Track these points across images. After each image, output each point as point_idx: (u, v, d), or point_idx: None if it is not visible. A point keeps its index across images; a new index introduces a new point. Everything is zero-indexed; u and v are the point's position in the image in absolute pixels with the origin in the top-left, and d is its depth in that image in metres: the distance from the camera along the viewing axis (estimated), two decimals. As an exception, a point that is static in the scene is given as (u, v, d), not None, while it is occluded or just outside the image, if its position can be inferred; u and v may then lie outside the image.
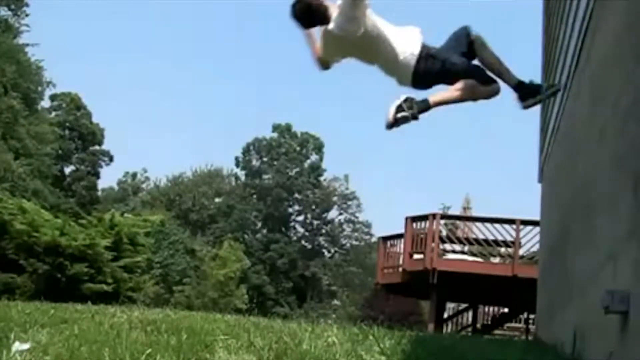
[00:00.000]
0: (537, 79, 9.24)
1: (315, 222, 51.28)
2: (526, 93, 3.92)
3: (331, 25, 3.82)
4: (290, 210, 51.13)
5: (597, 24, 4.17)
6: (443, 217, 17.00)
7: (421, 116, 3.88)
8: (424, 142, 62.16)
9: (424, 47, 3.85)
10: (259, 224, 50.15)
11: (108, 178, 68.73)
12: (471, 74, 3.87)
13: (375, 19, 3.82)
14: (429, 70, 3.85)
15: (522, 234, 14.11)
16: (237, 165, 51.09)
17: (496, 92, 3.92)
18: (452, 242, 15.58)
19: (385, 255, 16.39)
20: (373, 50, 3.86)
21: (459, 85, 3.86)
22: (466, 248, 15.37)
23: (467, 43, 3.94)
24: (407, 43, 3.84)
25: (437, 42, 4.00)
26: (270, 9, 65.71)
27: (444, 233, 15.98)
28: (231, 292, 36.19)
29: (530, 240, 13.88)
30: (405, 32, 3.90)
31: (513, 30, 68.24)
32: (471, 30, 3.99)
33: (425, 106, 3.86)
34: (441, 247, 15.05)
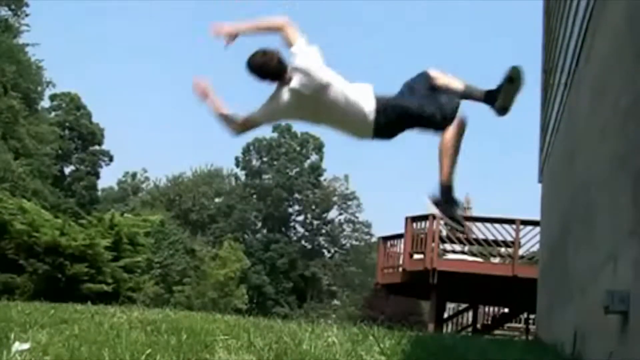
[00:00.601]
0: (535, 80, 9.24)
1: (315, 222, 51.29)
2: (494, 96, 3.80)
3: (294, 84, 3.70)
4: (290, 210, 51.15)
5: (598, 24, 4.17)
6: (443, 217, 16.96)
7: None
8: (424, 142, 62.16)
9: (378, 100, 3.75)
10: (259, 224, 50.17)
11: (108, 178, 68.77)
12: (431, 113, 3.74)
13: (331, 74, 3.75)
14: (389, 120, 3.76)
15: (522, 234, 14.12)
16: (237, 165, 51.14)
17: (463, 120, 3.80)
18: (452, 242, 15.57)
19: (385, 255, 16.38)
20: (330, 107, 3.74)
21: (445, 144, 3.76)
22: (466, 248, 15.37)
23: (430, 86, 3.82)
24: (363, 98, 3.75)
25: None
26: (270, 10, 65.63)
27: (444, 233, 15.97)
28: (231, 292, 36.20)
29: (530, 240, 13.89)
30: (359, 87, 3.81)
31: (513, 30, 68.32)
32: (426, 71, 3.87)
33: (447, 191, 3.78)
34: (441, 247, 15.05)
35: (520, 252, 14.26)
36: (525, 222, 13.98)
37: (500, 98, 3.79)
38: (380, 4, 67.59)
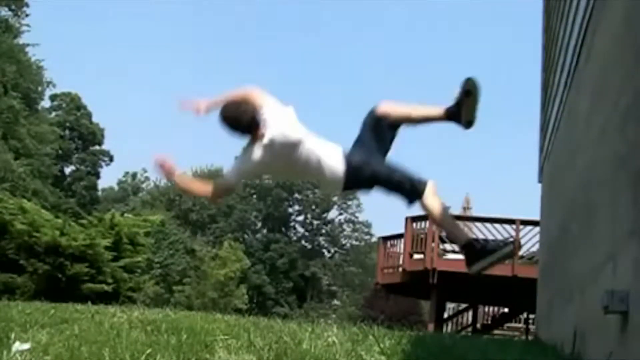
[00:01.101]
0: (535, 79, 9.24)
1: (315, 222, 51.29)
2: (456, 112, 3.76)
3: (266, 140, 3.66)
4: (290, 210, 51.17)
5: (597, 23, 4.17)
6: (443, 217, 16.96)
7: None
8: (423, 142, 62.20)
9: (348, 161, 3.72)
10: (259, 224, 50.18)
11: (108, 178, 68.83)
12: (398, 182, 3.72)
13: (304, 133, 3.74)
14: (358, 181, 3.78)
15: (522, 234, 14.12)
16: (237, 165, 51.06)
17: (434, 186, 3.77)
18: (452, 242, 15.56)
19: (385, 255, 16.38)
20: (301, 165, 3.73)
21: (439, 219, 3.77)
22: (466, 248, 15.35)
23: (387, 125, 3.79)
24: (333, 158, 3.73)
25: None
26: (271, 9, 65.68)
27: (444, 233, 15.97)
28: (231, 292, 36.19)
29: (530, 240, 13.90)
30: (329, 147, 3.78)
31: (513, 30, 68.30)
32: (375, 110, 3.81)
33: (472, 244, 3.72)
34: (441, 247, 15.04)
35: (520, 252, 14.26)
36: (525, 222, 13.98)
37: (462, 113, 3.74)
38: (381, 4, 67.57)
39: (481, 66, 69.46)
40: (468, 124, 3.77)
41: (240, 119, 3.75)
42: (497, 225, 14.68)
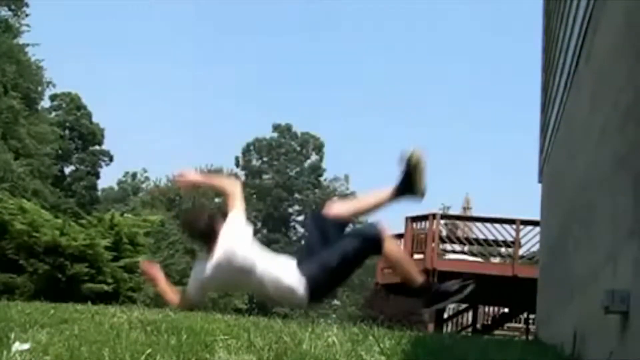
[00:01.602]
0: (536, 80, 9.24)
1: (315, 222, 51.24)
2: (409, 187, 3.81)
3: (215, 261, 3.63)
4: (290, 210, 51.16)
5: (597, 23, 4.17)
6: (443, 217, 17.00)
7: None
8: (423, 142, 62.18)
9: (305, 276, 3.71)
10: (259, 224, 50.16)
11: (108, 178, 68.73)
12: (356, 253, 3.74)
13: (255, 256, 3.72)
14: (322, 289, 3.79)
15: (522, 234, 14.13)
16: (237, 165, 51.16)
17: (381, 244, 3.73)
18: (452, 242, 15.58)
19: (385, 255, 16.37)
20: (254, 287, 3.73)
21: (395, 259, 3.81)
22: (466, 248, 15.38)
23: (336, 224, 3.81)
24: (289, 277, 3.71)
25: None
26: (270, 9, 65.70)
27: (444, 233, 15.98)
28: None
29: (530, 240, 13.92)
30: (283, 265, 3.77)
31: (513, 31, 68.28)
32: (324, 214, 3.83)
33: (428, 287, 3.78)
34: (441, 247, 15.06)
35: (520, 252, 14.27)
36: (525, 222, 13.99)
37: (415, 185, 3.79)
38: (382, 4, 67.61)
39: (481, 66, 69.50)
40: (423, 194, 3.83)
41: (196, 227, 3.79)
42: (497, 225, 14.69)
